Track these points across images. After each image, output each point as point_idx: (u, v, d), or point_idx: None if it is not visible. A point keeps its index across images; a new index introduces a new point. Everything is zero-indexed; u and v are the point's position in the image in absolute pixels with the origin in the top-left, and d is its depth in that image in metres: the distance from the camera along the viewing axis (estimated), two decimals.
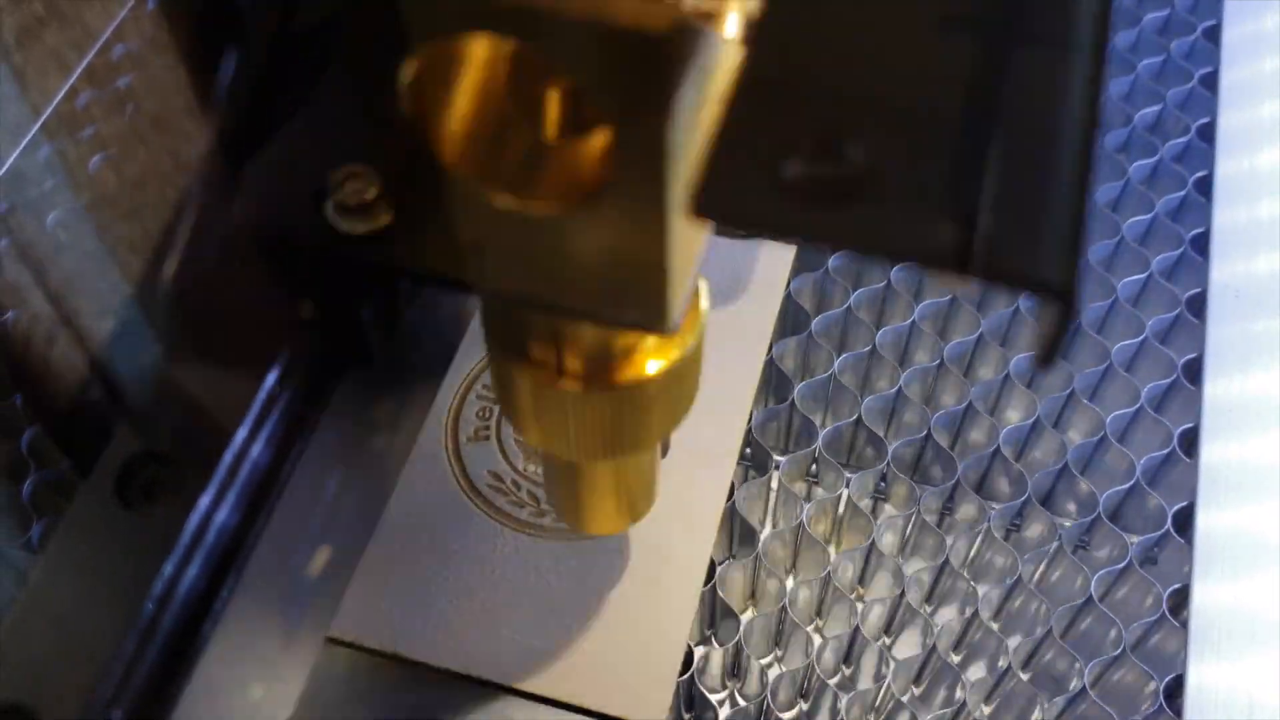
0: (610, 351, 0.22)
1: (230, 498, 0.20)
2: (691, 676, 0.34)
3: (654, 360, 0.22)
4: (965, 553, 0.38)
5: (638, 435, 0.24)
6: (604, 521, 0.30)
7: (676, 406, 0.24)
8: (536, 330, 0.22)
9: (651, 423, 0.24)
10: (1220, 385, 0.39)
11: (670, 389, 0.23)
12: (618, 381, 0.22)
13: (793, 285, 0.42)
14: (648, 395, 0.23)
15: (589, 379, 0.22)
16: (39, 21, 0.45)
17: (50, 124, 0.46)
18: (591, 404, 0.22)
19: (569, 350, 0.22)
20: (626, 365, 0.22)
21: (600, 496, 0.28)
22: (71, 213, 0.44)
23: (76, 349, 0.41)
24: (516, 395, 0.23)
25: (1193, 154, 0.45)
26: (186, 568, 0.19)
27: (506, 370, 0.23)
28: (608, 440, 0.24)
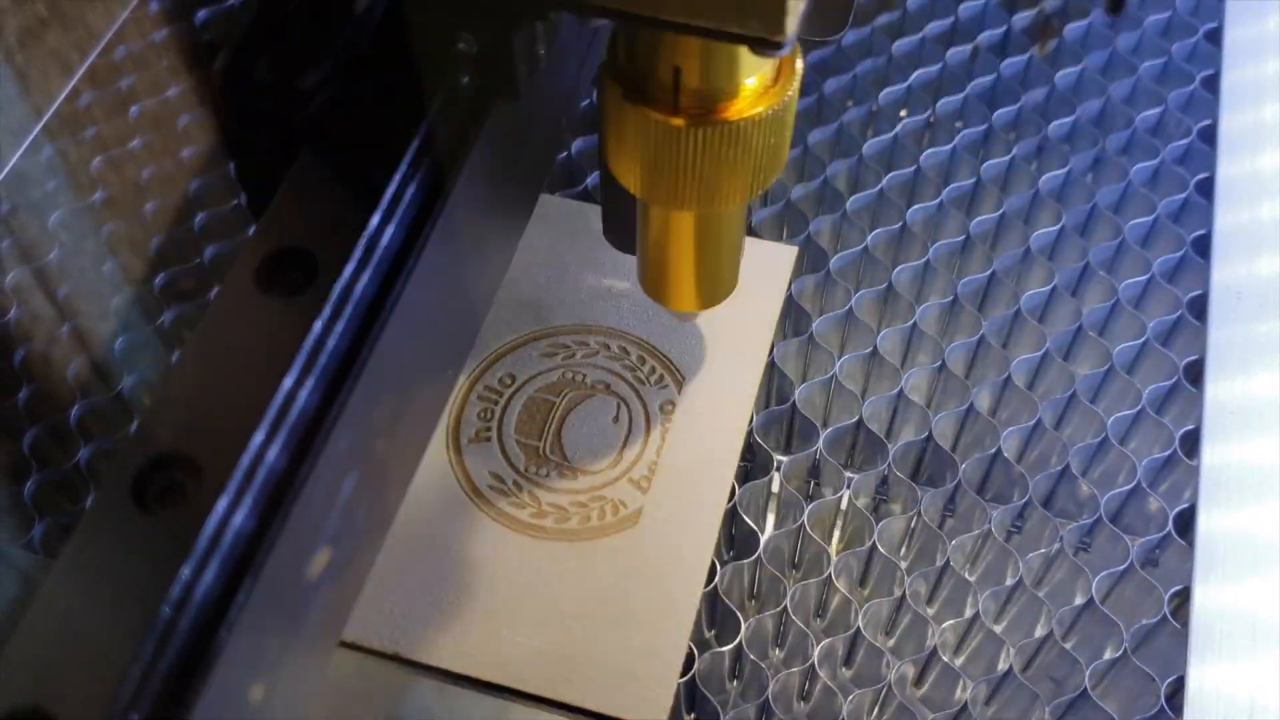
0: (721, 91, 0.25)
1: (247, 501, 0.20)
2: (692, 678, 0.34)
3: (758, 103, 0.25)
4: (966, 554, 0.38)
5: (734, 184, 0.27)
6: (687, 292, 0.33)
7: (770, 159, 0.27)
8: (656, 70, 0.25)
9: (749, 170, 0.27)
10: (1222, 387, 0.39)
11: (769, 136, 0.26)
12: (725, 118, 0.25)
13: (794, 287, 0.42)
14: (749, 136, 0.26)
15: (700, 114, 0.25)
16: (41, 23, 0.45)
17: (52, 125, 0.46)
18: (701, 140, 0.25)
19: (685, 87, 0.25)
20: (734, 105, 0.25)
21: (688, 260, 0.32)
22: (73, 213, 0.44)
23: (78, 349, 0.41)
24: (630, 137, 0.26)
25: (1194, 156, 0.45)
26: (203, 572, 0.19)
27: (625, 112, 0.26)
28: (707, 184, 0.27)
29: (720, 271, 0.33)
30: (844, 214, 0.44)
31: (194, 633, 0.19)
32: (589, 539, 0.35)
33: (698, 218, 0.30)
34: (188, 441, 0.20)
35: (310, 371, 0.21)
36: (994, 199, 0.45)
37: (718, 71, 0.25)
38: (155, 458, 0.20)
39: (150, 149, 0.46)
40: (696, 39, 0.23)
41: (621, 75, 0.26)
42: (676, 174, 0.26)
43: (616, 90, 0.26)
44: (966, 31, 0.49)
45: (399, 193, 0.23)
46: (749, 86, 0.25)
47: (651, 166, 0.27)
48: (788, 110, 0.26)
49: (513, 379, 0.38)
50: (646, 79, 0.25)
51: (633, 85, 0.26)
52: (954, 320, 0.43)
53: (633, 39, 0.25)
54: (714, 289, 0.33)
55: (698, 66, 0.24)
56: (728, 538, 0.38)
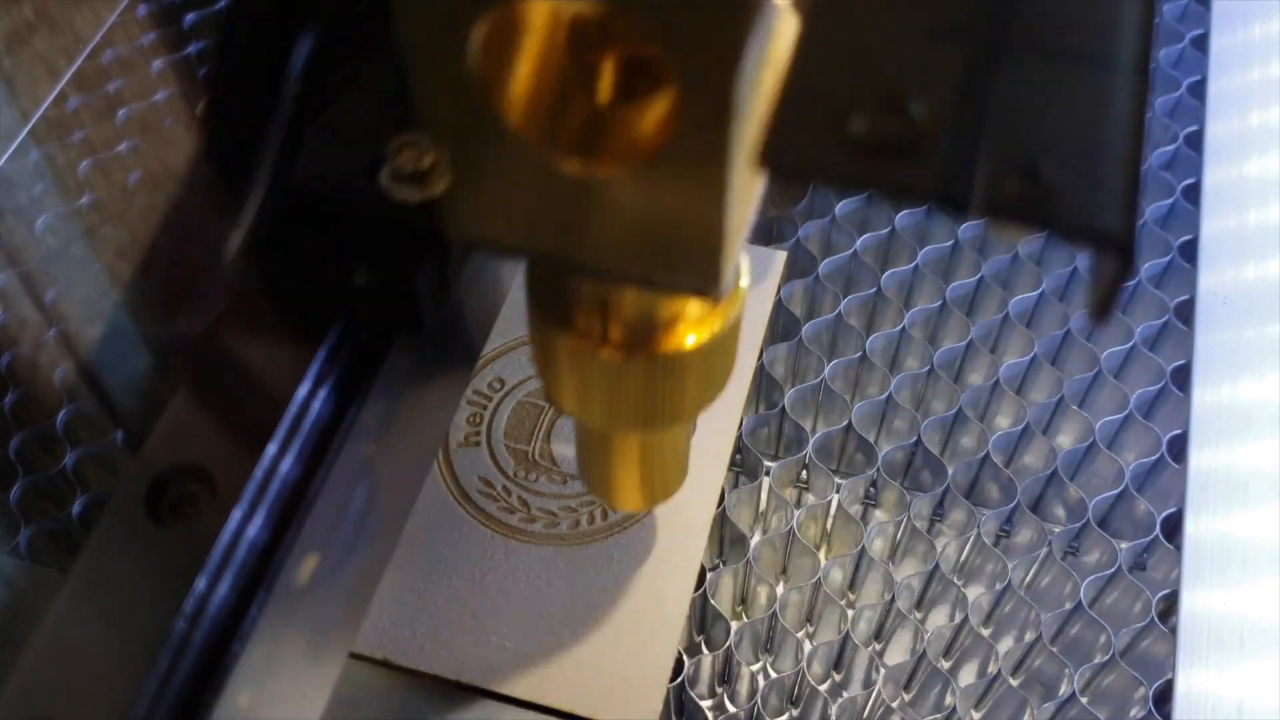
0: (653, 321, 0.22)
1: (261, 512, 0.20)
2: (682, 683, 0.34)
3: (695, 332, 0.23)
4: (955, 558, 0.38)
5: (674, 408, 0.25)
6: (633, 497, 0.31)
7: (713, 381, 0.25)
8: (581, 299, 0.22)
9: (688, 396, 0.24)
10: (1209, 392, 0.39)
11: (709, 361, 0.24)
12: (659, 351, 0.23)
13: (783, 291, 0.42)
14: (687, 366, 0.23)
15: (631, 348, 0.23)
16: (29, 27, 0.45)
17: (39, 129, 0.46)
18: (632, 373, 0.23)
19: (613, 319, 0.22)
20: (668, 336, 0.23)
21: (631, 470, 0.29)
22: (60, 217, 0.44)
23: (65, 353, 0.41)
24: (557, 363, 0.24)
25: (1181, 162, 0.45)
26: (217, 584, 0.19)
27: (549, 338, 0.23)
28: (644, 412, 0.24)
29: (665, 476, 0.30)
30: (833, 219, 0.44)
31: (207, 646, 0.19)
32: (578, 544, 0.35)
33: (639, 436, 0.28)
34: (201, 453, 0.20)
35: (323, 382, 0.21)
36: None
37: (650, 304, 0.22)
38: (168, 470, 0.20)
39: (137, 153, 0.46)
40: None
41: (543, 298, 0.23)
42: (609, 402, 0.24)
43: (539, 314, 0.23)
44: None
45: None
46: (688, 311, 0.23)
47: (582, 394, 0.24)
48: (732, 333, 0.24)
49: (502, 384, 0.38)
50: (572, 306, 0.23)
51: (556, 310, 0.23)
52: (942, 325, 0.43)
53: (558, 272, 0.23)
54: (660, 490, 0.31)
55: (629, 301, 0.22)
56: (717, 542, 0.38)
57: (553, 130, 0.18)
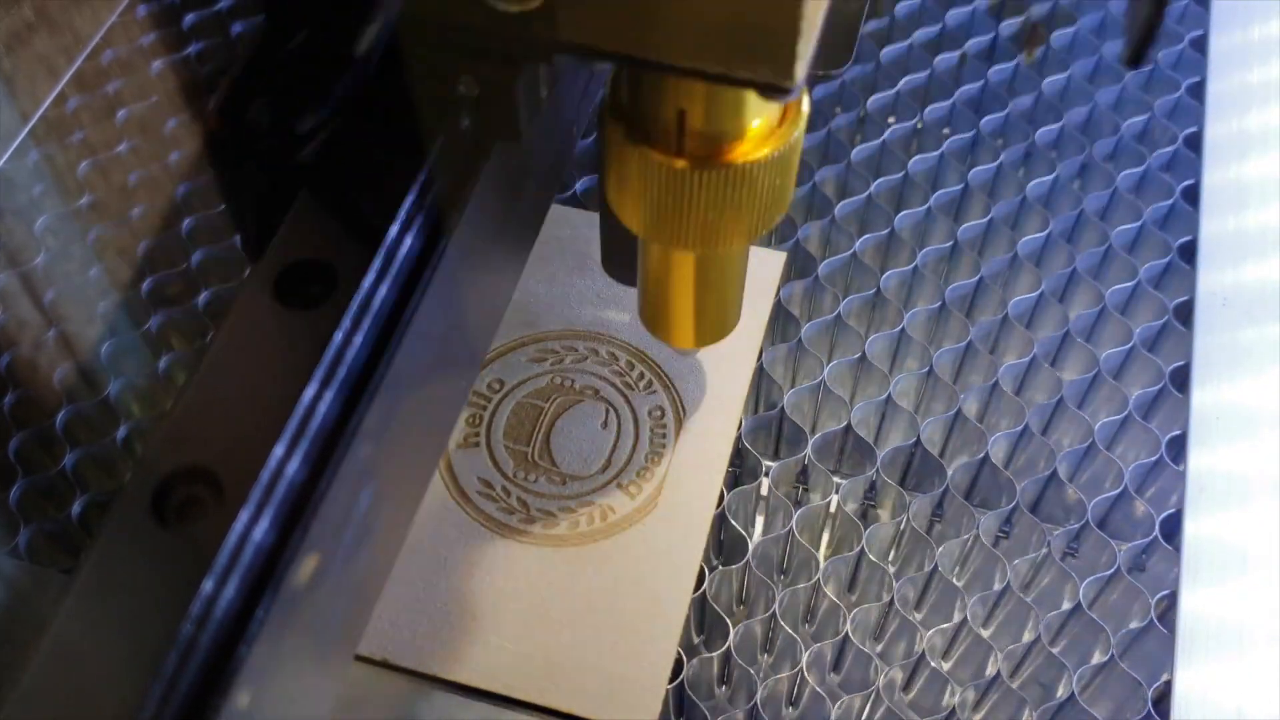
0: (725, 133, 0.24)
1: (268, 514, 0.20)
2: (681, 683, 0.34)
3: (763, 146, 0.25)
4: (954, 559, 0.38)
5: (738, 224, 0.26)
6: (687, 330, 0.33)
7: (775, 201, 0.27)
8: (659, 112, 0.24)
9: (753, 212, 0.26)
10: (1208, 393, 0.39)
11: (773, 178, 0.26)
12: (730, 160, 0.25)
13: (783, 292, 0.42)
14: (755, 178, 0.25)
15: (704, 158, 0.25)
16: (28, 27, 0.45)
17: (38, 129, 0.46)
18: (703, 182, 0.25)
19: (688, 130, 0.24)
20: (738, 147, 0.25)
21: (689, 298, 0.31)
22: (60, 217, 0.44)
23: (64, 354, 0.41)
24: (632, 178, 0.26)
25: (1180, 163, 0.45)
26: (224, 587, 0.19)
27: (626, 153, 0.25)
28: (711, 226, 0.26)
29: (722, 310, 0.32)
30: (832, 220, 0.44)
31: (213, 649, 0.19)
32: (577, 544, 0.35)
33: (699, 257, 0.30)
34: (207, 455, 0.20)
35: (329, 383, 0.21)
36: (981, 205, 0.45)
37: (723, 114, 0.24)
38: (174, 472, 0.20)
39: (137, 153, 0.46)
40: (702, 82, 0.23)
41: (624, 115, 0.25)
42: (679, 215, 0.26)
43: (619, 130, 0.25)
44: (954, 38, 0.49)
45: (410, 216, 0.23)
46: (754, 128, 0.25)
47: (654, 207, 0.26)
48: (794, 151, 0.26)
49: (501, 384, 0.38)
50: (649, 120, 0.25)
51: (635, 126, 0.25)
52: (942, 326, 0.43)
53: (636, 80, 0.25)
54: (715, 327, 0.33)
55: (703, 109, 0.24)
56: (716, 543, 0.38)
57: None
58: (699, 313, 0.32)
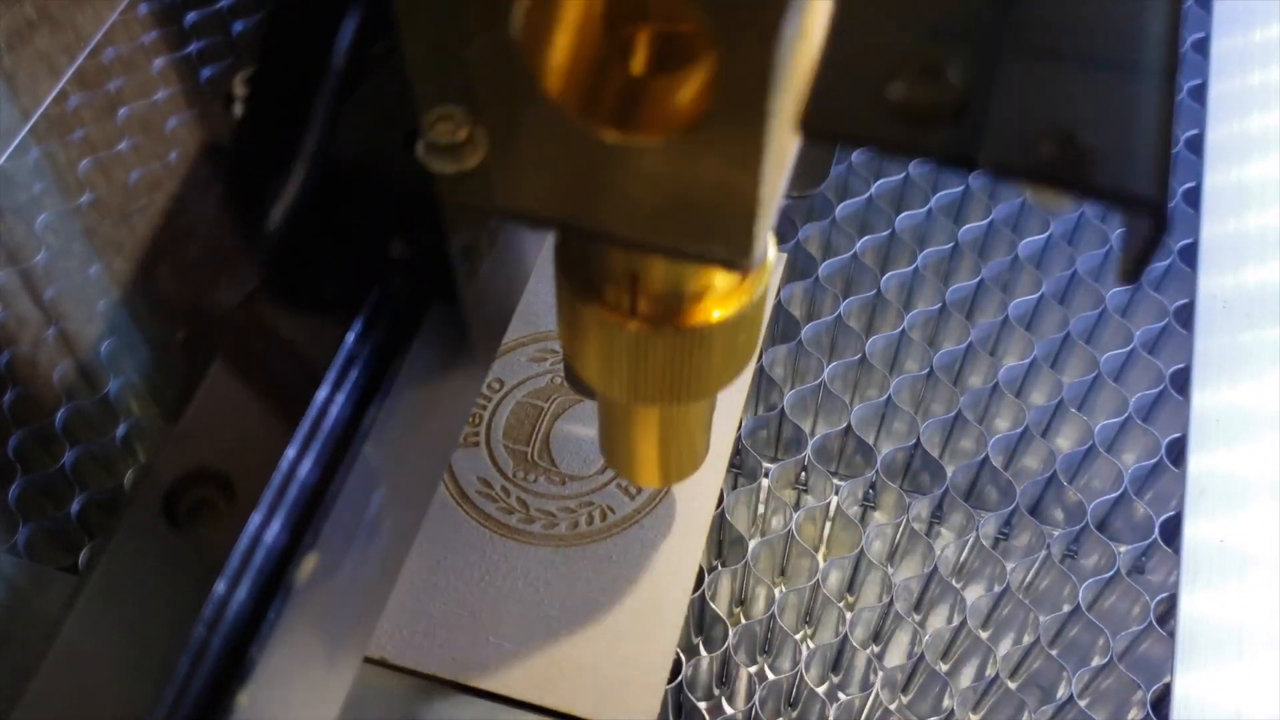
0: (681, 295, 0.23)
1: (280, 516, 0.20)
2: (679, 684, 0.34)
3: (722, 306, 0.23)
4: (954, 561, 0.38)
5: (699, 382, 0.25)
6: (653, 472, 0.31)
7: (739, 355, 0.25)
8: (610, 272, 0.23)
9: (714, 370, 0.25)
10: (1208, 395, 0.39)
11: (736, 335, 0.24)
12: (686, 324, 0.23)
13: (783, 293, 0.42)
14: (713, 340, 0.24)
15: (658, 321, 0.23)
16: (30, 25, 0.45)
17: (40, 127, 0.46)
18: (658, 346, 0.23)
19: (642, 292, 0.23)
20: (696, 309, 0.23)
21: (652, 445, 0.30)
22: (60, 215, 0.44)
23: (64, 352, 0.41)
24: (584, 335, 0.24)
25: (1181, 165, 0.45)
26: (236, 589, 0.19)
27: (578, 310, 0.24)
28: (670, 385, 0.25)
29: (686, 453, 0.31)
30: (833, 221, 0.44)
31: (224, 651, 0.19)
32: (576, 545, 0.35)
33: (661, 410, 0.28)
34: (219, 457, 0.20)
35: (341, 386, 0.21)
36: (982, 206, 0.45)
37: (679, 277, 0.23)
38: (186, 474, 0.20)
39: (138, 151, 0.46)
40: None
41: (574, 272, 0.24)
42: (635, 374, 0.24)
43: (569, 286, 0.24)
44: None
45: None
46: (715, 286, 0.23)
47: (608, 365, 0.25)
48: (757, 309, 0.24)
49: (501, 384, 0.38)
50: (601, 278, 0.23)
51: (586, 283, 0.23)
52: (942, 327, 0.43)
53: (588, 243, 0.23)
54: (680, 468, 0.31)
55: (657, 272, 0.22)
56: (715, 544, 0.38)
57: (590, 100, 0.18)
58: (664, 457, 0.30)
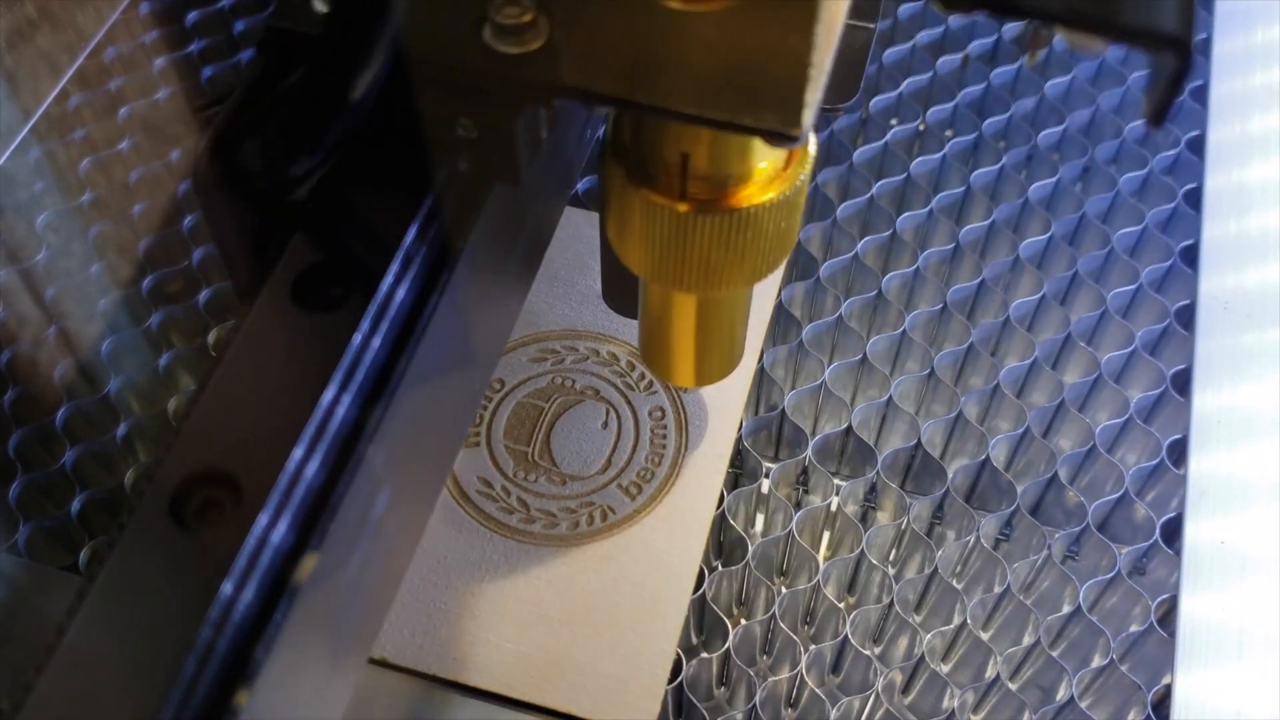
0: (729, 177, 0.24)
1: (286, 517, 0.20)
2: (680, 684, 0.34)
3: (767, 190, 0.24)
4: (954, 561, 0.38)
5: (742, 267, 0.26)
6: (689, 370, 0.32)
7: (781, 242, 0.26)
8: (662, 155, 0.24)
9: (757, 255, 0.26)
10: (1209, 397, 0.39)
11: (779, 221, 0.25)
12: (734, 206, 0.24)
13: (784, 294, 0.42)
14: (759, 223, 0.25)
15: (707, 203, 0.24)
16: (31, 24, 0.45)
17: (40, 126, 0.46)
18: (706, 227, 0.24)
19: (692, 174, 0.24)
20: (743, 192, 0.24)
21: (690, 338, 0.31)
22: (61, 214, 0.44)
23: (65, 351, 0.41)
24: (633, 220, 0.25)
25: (1182, 167, 0.45)
26: (243, 591, 0.19)
27: (628, 196, 0.25)
28: (714, 270, 0.26)
29: (724, 350, 0.32)
30: (834, 221, 0.44)
31: (231, 653, 0.19)
32: (577, 545, 0.35)
33: (701, 299, 0.29)
34: (225, 458, 0.20)
35: (348, 387, 0.21)
36: (983, 207, 0.45)
37: (728, 159, 0.24)
38: (193, 475, 0.20)
39: (139, 151, 0.46)
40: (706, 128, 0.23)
41: (625, 157, 0.25)
42: (680, 258, 0.25)
43: (620, 172, 0.25)
44: (957, 40, 0.49)
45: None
46: (760, 170, 0.24)
47: (655, 250, 0.26)
48: (799, 194, 0.25)
49: (502, 384, 0.38)
50: (652, 162, 0.24)
51: (637, 167, 0.25)
52: (943, 328, 0.43)
53: (638, 122, 0.24)
54: (717, 367, 0.32)
55: (707, 153, 0.23)
56: (716, 544, 0.38)
57: None
58: (700, 353, 0.31)
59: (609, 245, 0.28)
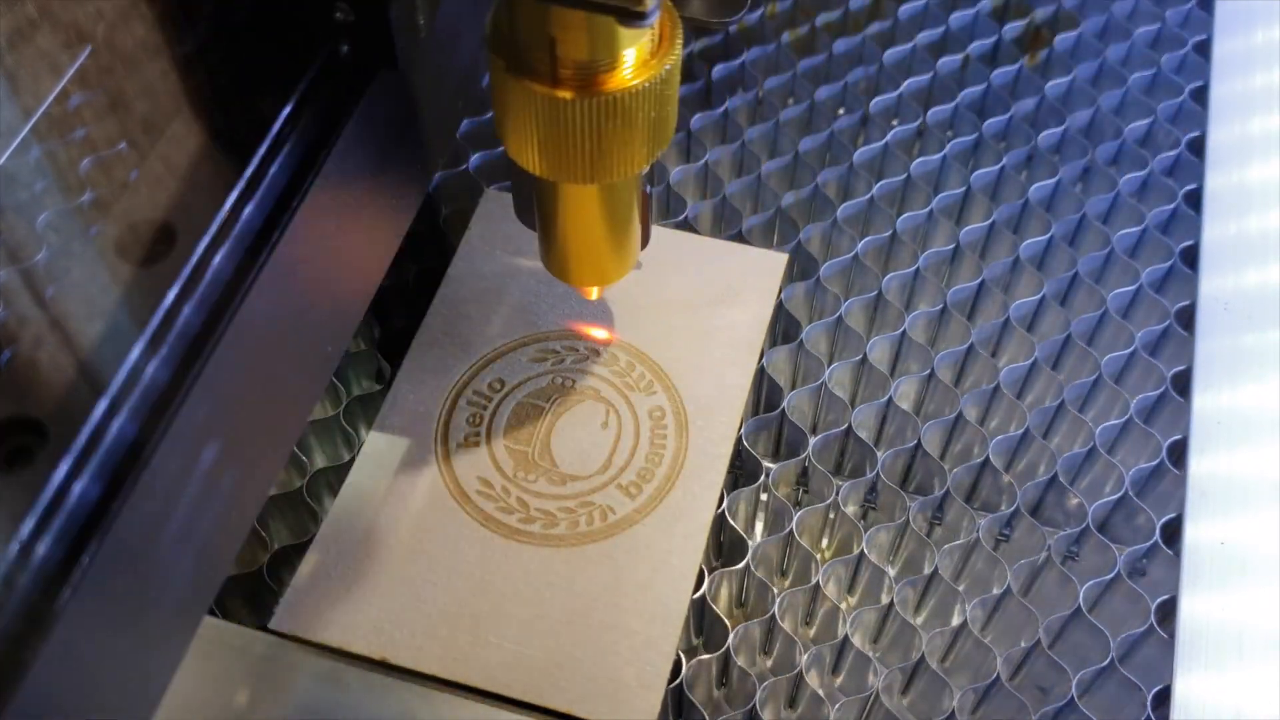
0: (598, 63, 0.26)
1: (91, 466, 0.20)
2: (679, 685, 0.34)
3: (636, 75, 0.26)
4: (954, 563, 0.38)
5: (620, 154, 0.28)
6: (588, 269, 0.34)
7: (657, 132, 0.28)
8: (534, 42, 0.26)
9: (634, 142, 0.27)
10: (1209, 398, 0.39)
11: (648, 110, 0.27)
12: (605, 89, 0.26)
13: (784, 294, 0.42)
14: (630, 108, 0.26)
15: (580, 86, 0.26)
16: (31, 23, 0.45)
17: (40, 126, 0.46)
18: (580, 111, 0.26)
19: (563, 61, 0.26)
20: (612, 77, 0.26)
21: (586, 235, 0.32)
22: (62, 214, 0.44)
23: (65, 352, 0.41)
24: (514, 109, 0.27)
25: (1183, 167, 0.45)
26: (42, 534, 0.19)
27: (508, 86, 0.27)
28: (593, 157, 0.27)
29: (620, 247, 0.33)
30: (834, 222, 0.44)
31: (35, 594, 0.19)
32: (577, 545, 0.35)
33: (592, 191, 0.31)
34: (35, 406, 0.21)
35: (162, 342, 0.21)
36: (984, 208, 0.45)
37: (595, 43, 0.25)
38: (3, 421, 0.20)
39: (139, 150, 0.46)
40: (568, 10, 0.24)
41: (504, 47, 0.26)
42: (564, 147, 0.27)
43: (500, 63, 0.26)
44: (957, 41, 0.49)
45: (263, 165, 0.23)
46: (628, 58, 0.26)
47: (540, 140, 0.27)
48: (668, 83, 0.27)
49: (502, 384, 0.38)
50: (528, 51, 0.26)
51: (515, 58, 0.26)
52: (943, 329, 0.43)
53: (513, 10, 0.26)
54: (615, 264, 0.34)
55: (575, 38, 0.25)
56: (716, 545, 0.38)
57: None
58: (596, 251, 0.33)
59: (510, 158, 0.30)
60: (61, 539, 0.20)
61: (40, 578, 0.19)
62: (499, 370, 0.39)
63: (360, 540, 0.35)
